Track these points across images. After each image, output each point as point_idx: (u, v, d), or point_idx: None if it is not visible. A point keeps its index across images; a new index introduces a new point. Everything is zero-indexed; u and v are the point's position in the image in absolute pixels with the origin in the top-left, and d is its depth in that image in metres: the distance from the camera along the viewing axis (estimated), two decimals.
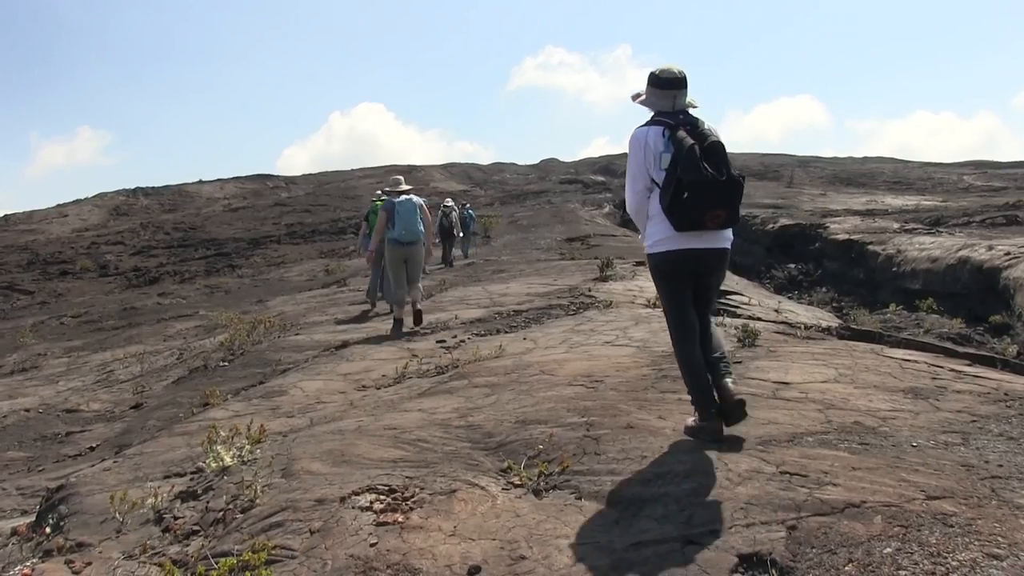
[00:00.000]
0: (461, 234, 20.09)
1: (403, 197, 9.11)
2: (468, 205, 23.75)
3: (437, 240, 17.88)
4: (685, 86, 3.79)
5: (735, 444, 3.64)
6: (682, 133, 3.61)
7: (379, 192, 10.59)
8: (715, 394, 3.73)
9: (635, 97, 3.92)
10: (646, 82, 3.84)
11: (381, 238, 9.34)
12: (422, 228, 9.07)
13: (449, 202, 20.00)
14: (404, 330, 9.07)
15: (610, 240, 21.64)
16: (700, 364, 3.78)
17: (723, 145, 3.67)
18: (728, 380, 3.75)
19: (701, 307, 3.91)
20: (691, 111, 3.80)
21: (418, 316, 9.29)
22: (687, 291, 3.85)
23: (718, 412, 3.70)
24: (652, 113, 3.83)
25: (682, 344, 3.85)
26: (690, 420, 3.87)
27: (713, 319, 3.45)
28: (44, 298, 24.30)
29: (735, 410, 3.67)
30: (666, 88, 3.75)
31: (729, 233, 3.80)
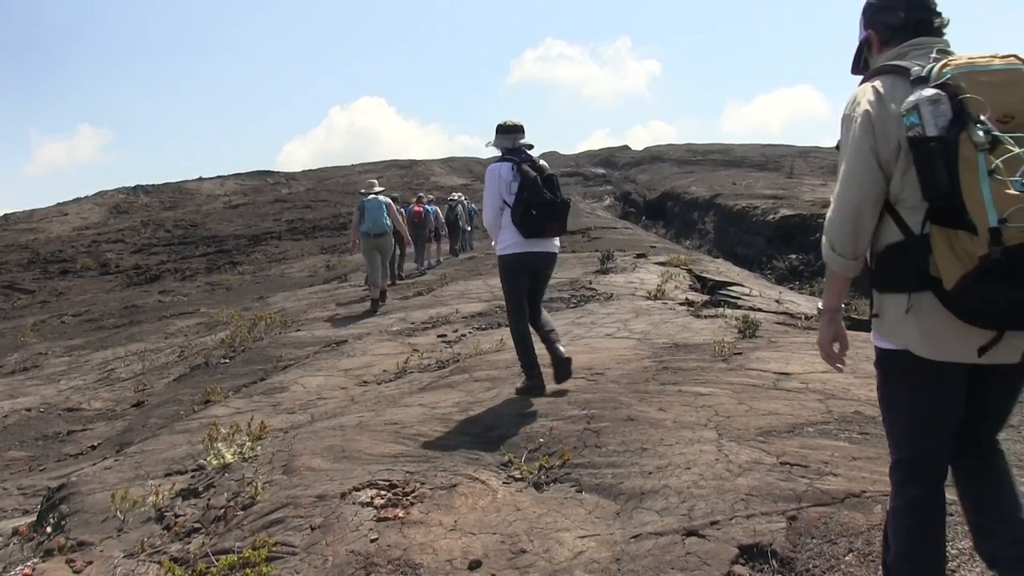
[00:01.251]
0: (469, 227, 20.79)
1: (371, 196, 10.80)
2: (468, 200, 24.15)
3: (444, 233, 19.04)
4: (523, 131, 5.06)
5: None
6: (526, 167, 4.84)
7: (362, 191, 11.94)
8: (540, 364, 4.97)
9: (488, 144, 5.13)
10: (495, 130, 5.07)
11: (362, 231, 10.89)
12: (388, 222, 10.72)
13: (455, 196, 20.79)
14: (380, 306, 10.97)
15: (611, 232, 21.63)
16: (529, 337, 4.99)
17: (555, 176, 5.04)
18: (558, 345, 4.94)
19: (534, 296, 5.10)
20: (528, 149, 5.06)
21: (383, 295, 11.25)
22: (525, 284, 5.01)
23: (556, 370, 4.89)
24: (500, 152, 5.03)
25: (517, 322, 5.02)
26: (519, 384, 5.03)
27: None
28: (45, 297, 24.32)
29: (564, 366, 4.86)
30: (509, 133, 5.02)
31: (558, 241, 5.10)
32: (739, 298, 9.81)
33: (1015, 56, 1.90)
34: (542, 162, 5.02)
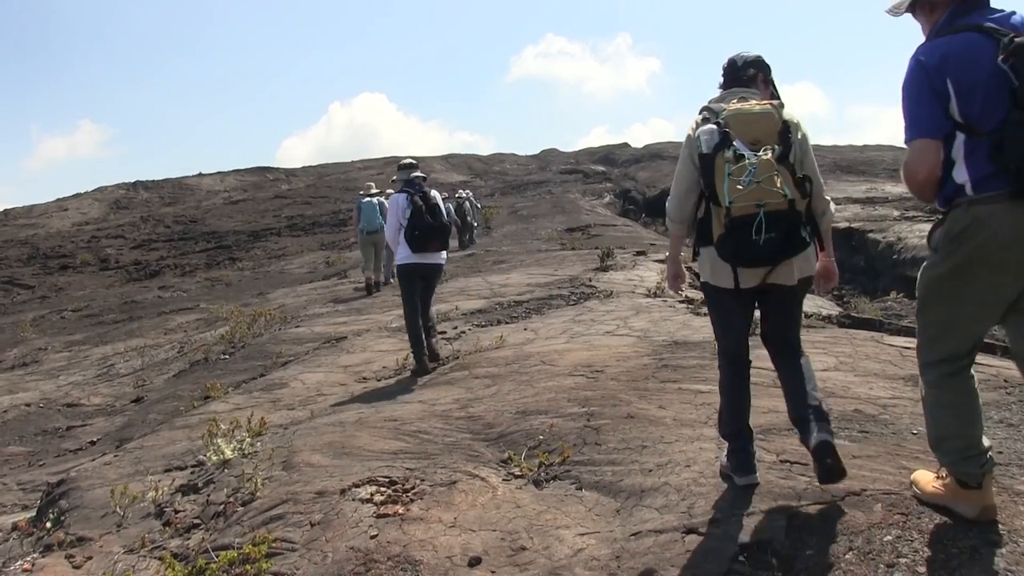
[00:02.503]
0: (476, 223, 21.70)
1: (367, 199, 12.80)
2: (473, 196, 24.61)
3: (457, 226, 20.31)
4: (416, 167, 6.71)
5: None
6: (417, 198, 6.26)
7: (361, 192, 13.73)
8: (426, 349, 6.41)
9: (392, 179, 7.08)
10: (398, 167, 6.76)
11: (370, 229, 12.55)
12: (381, 221, 12.02)
13: (461, 193, 21.86)
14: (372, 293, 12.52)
15: (610, 230, 21.61)
16: (420, 330, 6.38)
17: (439, 204, 6.40)
18: (433, 340, 6.56)
19: (425, 296, 6.54)
20: (423, 180, 6.54)
21: (377, 285, 12.79)
22: (417, 286, 6.45)
23: (428, 358, 6.35)
24: (402, 183, 6.50)
25: (411, 318, 6.39)
26: (408, 371, 6.38)
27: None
28: (44, 292, 24.30)
29: (433, 355, 6.41)
30: (405, 170, 6.65)
31: (443, 254, 6.51)
32: None
33: (769, 103, 2.93)
34: (433, 192, 6.48)
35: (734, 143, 2.80)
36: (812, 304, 10.71)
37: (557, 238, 20.07)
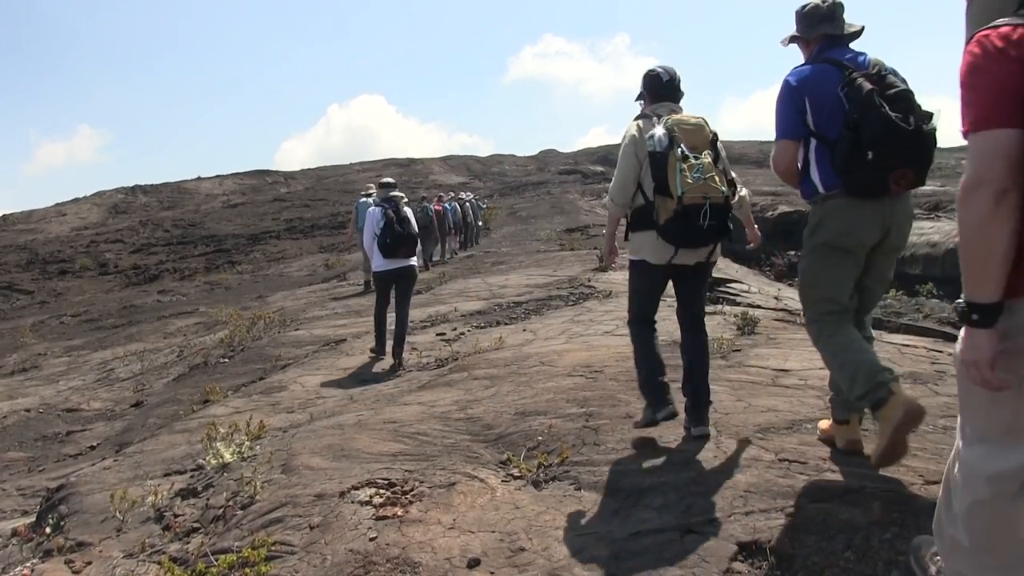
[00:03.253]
0: (480, 223, 22.43)
1: (363, 199, 13.39)
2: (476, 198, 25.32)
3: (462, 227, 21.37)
4: (395, 187, 7.62)
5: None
6: (390, 212, 7.16)
7: (362, 193, 14.43)
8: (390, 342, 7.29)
9: (373, 197, 7.83)
10: (378, 185, 7.83)
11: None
12: None
13: (463, 195, 22.77)
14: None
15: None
16: (384, 323, 7.45)
17: (408, 216, 7.29)
18: (400, 347, 7.18)
19: (400, 297, 7.43)
20: (397, 197, 7.40)
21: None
22: (391, 289, 7.42)
23: (384, 349, 7.38)
24: (381, 199, 7.40)
25: (378, 312, 7.55)
26: (368, 354, 7.56)
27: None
28: (44, 297, 24.31)
29: (398, 363, 6.96)
30: (384, 188, 7.57)
31: (413, 260, 7.33)
32: (738, 295, 9.81)
33: (701, 117, 3.65)
34: (406, 209, 7.39)
35: (682, 147, 3.45)
36: None
37: (556, 239, 20.08)
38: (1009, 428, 1.75)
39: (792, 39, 3.32)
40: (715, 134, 3.64)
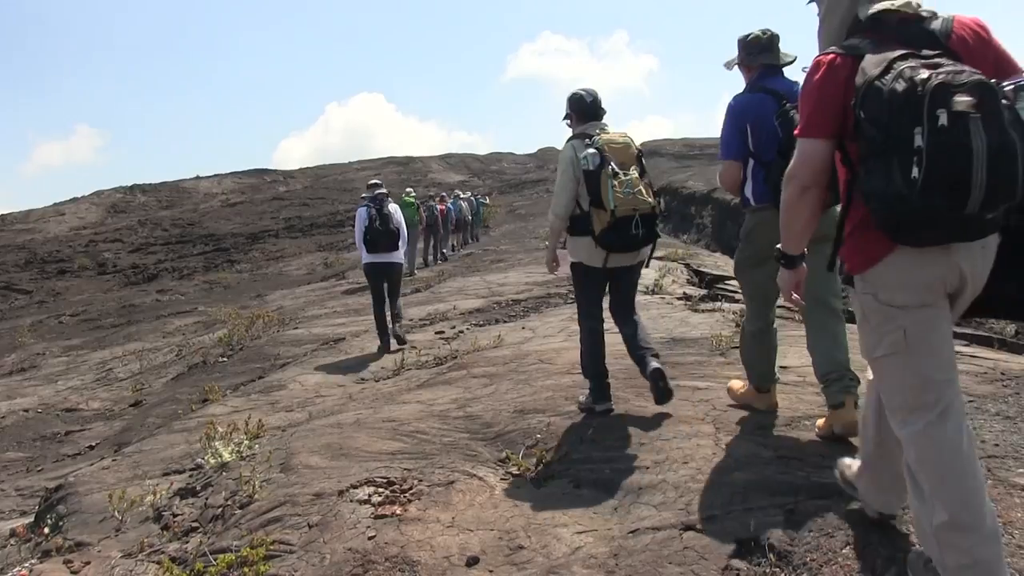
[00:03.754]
0: (480, 222, 22.99)
1: (381, 191, 14.27)
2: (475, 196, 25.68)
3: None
4: (381, 186, 8.12)
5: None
6: (372, 212, 7.74)
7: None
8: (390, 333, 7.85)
9: (362, 196, 8.29)
10: (366, 186, 8.17)
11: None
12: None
13: (460, 193, 23.11)
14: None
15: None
16: (384, 317, 7.87)
17: (390, 215, 7.77)
18: (396, 325, 7.94)
19: (390, 290, 8.02)
20: (383, 196, 7.93)
21: None
22: (380, 281, 7.93)
23: (390, 342, 7.76)
24: (369, 198, 7.92)
25: (375, 308, 7.95)
26: (376, 347, 7.80)
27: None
28: (42, 297, 24.28)
29: (401, 340, 7.80)
30: (371, 189, 8.02)
31: (396, 254, 7.92)
32: (737, 292, 9.80)
33: (626, 135, 4.12)
34: (390, 206, 7.90)
35: (612, 164, 3.91)
36: None
37: None
38: (898, 348, 2.15)
39: (735, 64, 3.74)
40: (640, 150, 4.15)
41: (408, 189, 18.91)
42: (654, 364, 4.01)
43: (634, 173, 3.93)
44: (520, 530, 2.97)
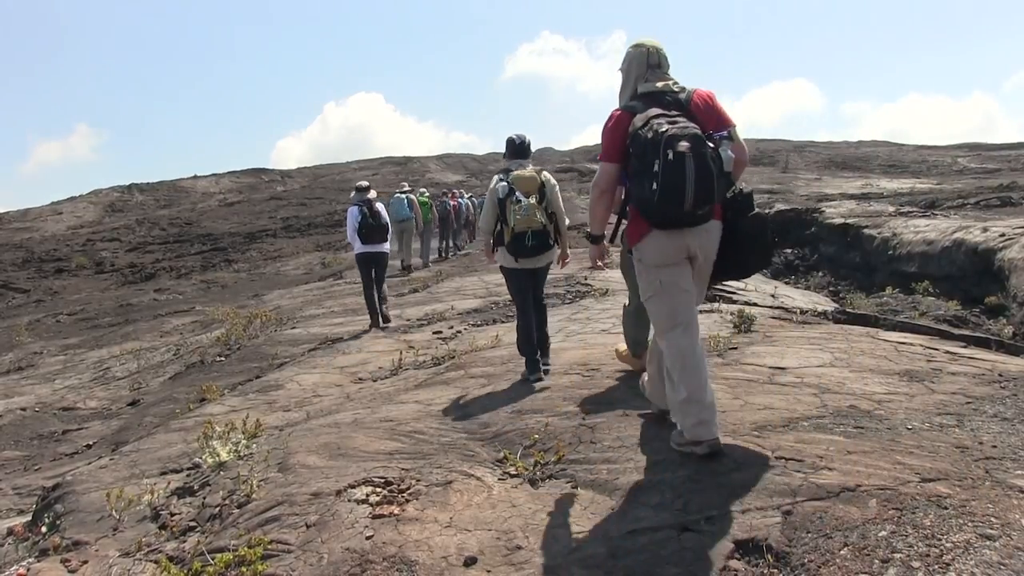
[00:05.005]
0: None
1: (398, 195, 15.92)
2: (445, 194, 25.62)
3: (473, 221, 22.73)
4: (370, 190, 9.44)
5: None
6: (365, 209, 9.12)
7: (396, 191, 16.80)
8: (380, 314, 9.31)
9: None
10: (356, 189, 9.49)
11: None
12: (408, 212, 15.67)
13: (456, 192, 23.06)
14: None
15: (606, 227, 21.61)
16: (375, 300, 9.30)
17: (379, 210, 9.25)
18: (384, 306, 9.45)
19: (378, 277, 9.41)
20: (371, 198, 9.34)
21: (409, 267, 16.39)
22: (370, 270, 9.34)
23: (380, 320, 9.24)
24: (359, 200, 9.32)
25: (366, 291, 9.39)
26: (368, 327, 9.25)
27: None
28: (40, 296, 24.23)
29: (386, 319, 9.26)
30: (360, 192, 9.32)
31: (385, 246, 9.37)
32: (734, 293, 9.81)
33: (535, 171, 5.31)
34: (378, 205, 9.34)
35: (516, 193, 5.21)
36: (808, 301, 10.72)
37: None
38: (656, 291, 3.45)
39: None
40: (543, 182, 5.32)
41: (422, 189, 20.17)
42: (546, 363, 5.44)
43: (532, 201, 5.19)
44: (518, 530, 2.97)
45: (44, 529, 4.12)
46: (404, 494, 3.46)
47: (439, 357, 6.83)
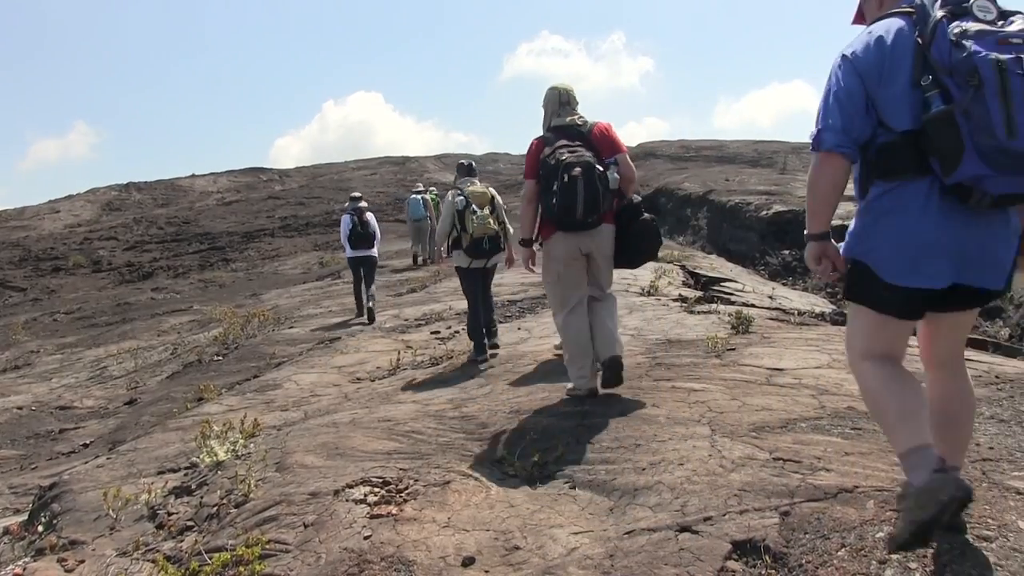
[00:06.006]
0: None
1: (415, 195, 17.28)
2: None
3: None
4: (361, 199, 10.81)
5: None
6: (355, 219, 10.38)
7: (412, 190, 18.61)
8: (367, 309, 10.22)
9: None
10: (349, 198, 10.94)
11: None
12: (423, 212, 16.70)
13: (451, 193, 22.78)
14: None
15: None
16: (362, 295, 10.38)
17: (368, 219, 10.51)
18: (371, 303, 10.17)
19: (366, 277, 10.40)
20: (363, 208, 10.61)
21: (424, 261, 17.17)
22: (360, 269, 10.46)
23: (364, 312, 10.22)
24: (352, 208, 10.63)
25: (355, 288, 10.66)
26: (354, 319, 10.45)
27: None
28: (37, 295, 24.17)
29: (371, 318, 9.95)
30: (353, 201, 10.64)
31: (372, 251, 10.54)
32: (732, 294, 9.83)
33: (486, 187, 6.62)
34: (368, 214, 10.58)
35: (472, 206, 6.25)
36: (806, 302, 10.73)
37: None
38: (554, 281, 4.51)
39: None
40: (493, 196, 6.52)
41: (431, 188, 21.37)
42: (494, 341, 6.56)
43: (486, 211, 6.27)
44: (516, 530, 2.97)
45: (40, 528, 4.11)
46: (402, 494, 3.46)
47: (437, 357, 6.83)
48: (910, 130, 2.24)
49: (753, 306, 8.44)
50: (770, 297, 10.35)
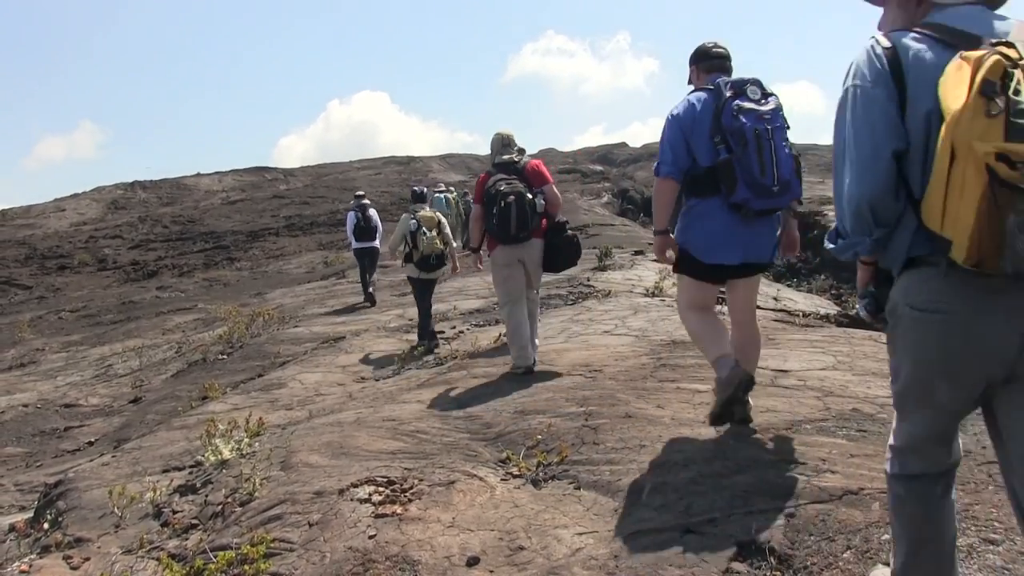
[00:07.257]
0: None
1: (437, 193, 17.85)
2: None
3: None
4: (364, 197, 12.38)
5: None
6: (359, 215, 11.84)
7: (434, 190, 18.99)
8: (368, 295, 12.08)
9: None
10: (354, 196, 12.53)
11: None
12: (445, 209, 17.01)
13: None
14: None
15: (608, 229, 21.58)
16: (366, 282, 12.01)
17: (371, 215, 11.87)
18: (371, 289, 12.02)
19: (369, 268, 11.94)
20: (366, 204, 12.09)
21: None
22: (365, 260, 11.81)
23: (368, 297, 12.08)
24: (356, 205, 12.14)
25: (362, 275, 12.03)
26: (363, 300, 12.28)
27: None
28: (42, 293, 24.24)
29: (371, 300, 11.93)
30: (357, 199, 12.17)
31: (374, 243, 11.88)
32: None
33: (435, 212, 7.97)
34: (371, 211, 11.85)
35: (423, 227, 7.48)
36: (810, 303, 10.71)
37: None
38: (501, 282, 5.63)
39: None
40: (440, 220, 7.82)
41: (440, 183, 22.33)
42: (433, 343, 7.50)
43: (434, 233, 7.54)
44: (520, 531, 2.97)
45: (46, 526, 4.12)
46: (407, 494, 3.46)
47: (441, 357, 6.83)
48: (710, 166, 3.45)
49: (758, 308, 8.42)
50: (775, 299, 10.33)
